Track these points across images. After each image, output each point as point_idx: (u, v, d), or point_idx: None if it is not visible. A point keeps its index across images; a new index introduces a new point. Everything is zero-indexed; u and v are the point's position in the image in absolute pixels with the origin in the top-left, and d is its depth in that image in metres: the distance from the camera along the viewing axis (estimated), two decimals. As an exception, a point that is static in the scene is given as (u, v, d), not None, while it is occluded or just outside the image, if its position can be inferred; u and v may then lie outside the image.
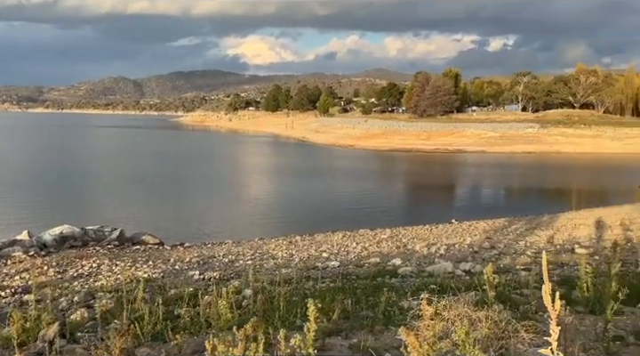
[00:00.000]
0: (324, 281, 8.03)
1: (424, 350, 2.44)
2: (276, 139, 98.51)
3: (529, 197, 37.23)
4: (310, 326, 2.57)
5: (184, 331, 4.27)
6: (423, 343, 2.62)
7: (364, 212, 28.46)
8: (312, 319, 2.58)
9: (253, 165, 56.02)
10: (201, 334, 4.30)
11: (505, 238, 16.18)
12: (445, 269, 9.14)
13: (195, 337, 4.33)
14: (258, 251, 14.08)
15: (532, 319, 5.51)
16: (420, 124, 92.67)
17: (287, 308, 5.19)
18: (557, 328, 2.50)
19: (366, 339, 4.54)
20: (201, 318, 4.59)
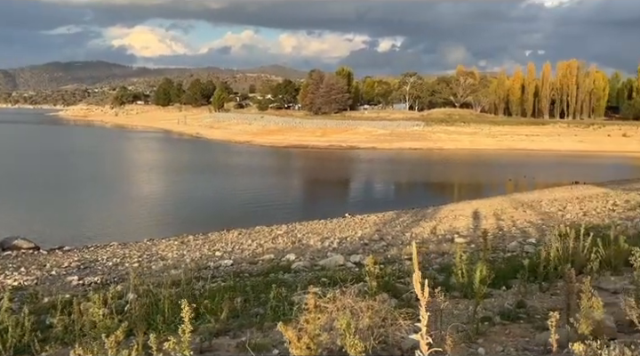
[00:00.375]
0: (215, 281, 7.87)
1: (302, 343, 2.47)
2: (168, 135, 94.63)
3: (415, 190, 39.55)
4: (185, 327, 2.48)
5: (55, 342, 3.92)
6: (304, 336, 2.65)
7: (262, 209, 28.35)
8: (187, 320, 2.50)
9: (144, 162, 53.30)
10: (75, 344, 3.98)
11: (393, 230, 17.04)
12: (337, 262, 9.39)
13: (69, 347, 4.01)
14: (146, 253, 13.43)
15: (413, 307, 5.87)
16: (316, 121, 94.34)
17: (172, 310, 4.99)
18: (427, 314, 2.65)
19: (255, 337, 4.51)
20: (75, 326, 4.25)
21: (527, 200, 25.30)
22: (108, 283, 8.28)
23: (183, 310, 2.54)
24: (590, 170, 50.65)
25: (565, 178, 42.27)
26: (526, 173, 46.15)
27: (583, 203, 22.29)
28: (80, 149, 61.18)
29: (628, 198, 23.23)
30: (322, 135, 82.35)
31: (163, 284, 6.42)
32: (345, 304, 3.46)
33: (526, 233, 13.23)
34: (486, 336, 4.34)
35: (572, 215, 17.95)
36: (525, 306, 5.21)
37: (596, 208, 19.57)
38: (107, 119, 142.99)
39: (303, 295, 6.49)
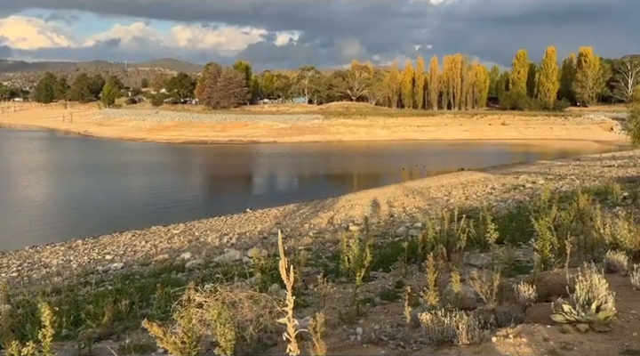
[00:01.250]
0: (102, 285, 7.52)
1: (169, 338, 2.50)
2: (53, 133, 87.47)
3: (316, 182, 40.35)
4: (46, 331, 2.40)
5: None
6: (179, 330, 2.68)
7: (159, 208, 27.33)
8: (47, 324, 2.42)
9: (26, 164, 48.79)
10: None
11: (292, 222, 17.30)
12: (233, 257, 9.38)
13: None
14: (27, 261, 12.42)
15: (304, 295, 6.08)
16: (215, 116, 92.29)
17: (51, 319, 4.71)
18: (292, 298, 2.79)
19: (140, 338, 4.41)
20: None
21: (418, 187, 26.89)
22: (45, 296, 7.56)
23: (43, 313, 2.45)
24: (474, 157, 54.89)
25: (452, 165, 45.48)
26: (418, 162, 48.94)
27: (466, 188, 24.17)
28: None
29: (504, 181, 25.57)
30: (222, 130, 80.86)
31: (42, 292, 6.03)
32: (225, 297, 3.52)
33: (414, 218, 14.13)
34: (367, 316, 4.63)
35: (456, 200, 19.42)
36: (404, 286, 5.60)
37: (476, 192, 21.33)
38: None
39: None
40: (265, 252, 9.64)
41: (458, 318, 2.64)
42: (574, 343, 2.51)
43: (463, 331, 2.56)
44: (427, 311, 2.77)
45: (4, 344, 3.08)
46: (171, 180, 39.72)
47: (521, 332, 2.64)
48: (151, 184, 36.61)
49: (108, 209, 27.41)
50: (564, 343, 2.51)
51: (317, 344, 2.49)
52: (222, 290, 3.62)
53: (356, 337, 3.79)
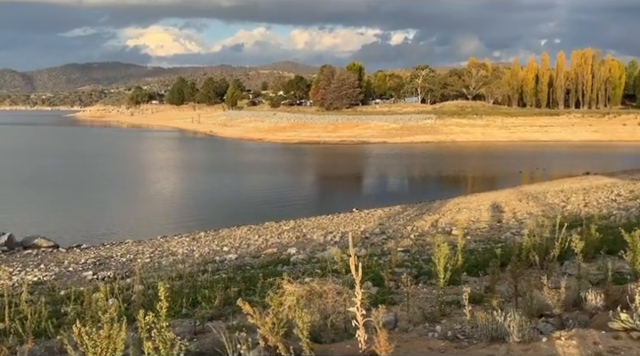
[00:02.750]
0: (218, 273, 8.45)
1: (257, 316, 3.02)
2: (183, 133, 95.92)
3: (425, 184, 39.86)
4: (162, 304, 3.03)
5: (68, 327, 4.52)
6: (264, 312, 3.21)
7: (273, 205, 28.95)
8: (162, 298, 3.03)
9: (159, 161, 54.35)
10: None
11: (395, 223, 17.51)
12: (333, 254, 9.91)
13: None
14: (158, 249, 14.12)
15: (392, 293, 6.38)
16: (327, 116, 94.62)
17: (173, 299, 5.57)
18: (360, 291, 3.19)
19: (245, 320, 5.07)
20: (86, 314, 4.84)
21: (534, 192, 25.52)
22: (121, 277, 8.93)
23: (160, 289, 3.09)
24: (603, 160, 50.40)
25: (577, 169, 42.17)
26: (538, 165, 46.11)
27: (588, 194, 22.47)
28: (98, 150, 62.52)
29: (633, 188, 23.33)
30: (333, 131, 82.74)
31: (168, 277, 7.03)
32: (312, 287, 4.00)
33: (523, 225, 13.62)
34: (450, 317, 4.84)
35: (574, 207, 18.21)
36: (493, 291, 5.67)
37: (598, 199, 19.78)
38: (123, 119, 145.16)
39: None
40: (364, 251, 10.05)
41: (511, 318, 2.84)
42: (623, 348, 2.57)
43: (514, 330, 2.74)
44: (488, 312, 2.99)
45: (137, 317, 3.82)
46: (284, 178, 41.73)
47: (574, 335, 2.75)
48: (267, 182, 38.79)
49: (229, 204, 29.63)
50: (613, 347, 2.58)
51: (379, 331, 2.85)
52: (310, 282, 4.10)
53: (433, 334, 4.06)
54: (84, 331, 2.85)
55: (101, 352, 2.91)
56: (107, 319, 2.95)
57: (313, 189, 40.16)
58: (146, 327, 2.94)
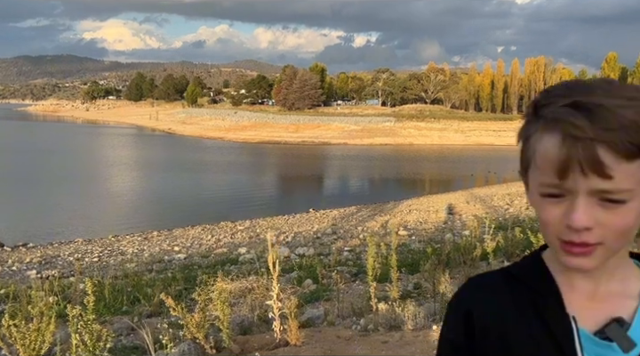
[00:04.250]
0: (164, 273, 8.57)
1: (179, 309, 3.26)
2: (140, 131, 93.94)
3: (382, 186, 40.63)
4: (89, 298, 3.21)
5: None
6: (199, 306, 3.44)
7: (230, 205, 28.90)
8: (90, 292, 3.22)
9: (114, 159, 53.15)
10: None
11: (348, 224, 17.94)
12: (282, 254, 10.18)
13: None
14: (108, 248, 14.02)
15: (330, 290, 6.72)
16: (289, 117, 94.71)
17: (114, 297, 5.71)
18: (277, 286, 3.47)
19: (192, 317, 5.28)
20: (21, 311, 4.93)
21: (482, 195, 26.54)
22: (66, 276, 8.90)
23: (87, 285, 3.27)
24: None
25: (527, 173, 43.83)
26: (491, 168, 47.71)
27: (533, 197, 23.55)
28: (49, 146, 60.53)
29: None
30: (295, 131, 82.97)
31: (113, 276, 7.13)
32: (242, 284, 4.26)
33: (465, 226, 14.26)
34: (376, 312, 5.19)
35: (515, 209, 19.14)
36: (421, 287, 6.09)
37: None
38: (77, 115, 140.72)
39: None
40: (312, 251, 10.37)
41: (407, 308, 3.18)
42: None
43: (409, 319, 3.08)
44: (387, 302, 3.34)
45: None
46: (243, 178, 41.64)
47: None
48: (225, 182, 38.62)
49: (185, 204, 29.38)
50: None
51: (290, 322, 3.14)
52: (242, 279, 4.35)
53: (356, 326, 4.38)
54: (12, 324, 3.01)
55: (30, 345, 3.06)
56: (36, 312, 3.11)
57: (272, 189, 40.25)
58: (74, 321, 3.12)
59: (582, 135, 0.73)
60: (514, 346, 0.84)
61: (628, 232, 0.78)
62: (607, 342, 0.81)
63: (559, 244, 0.79)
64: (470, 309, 0.89)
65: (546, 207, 0.79)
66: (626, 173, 0.74)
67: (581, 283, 0.85)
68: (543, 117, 0.78)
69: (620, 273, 0.86)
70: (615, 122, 0.73)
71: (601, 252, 0.78)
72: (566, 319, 0.82)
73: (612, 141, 0.73)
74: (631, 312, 0.84)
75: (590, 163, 0.73)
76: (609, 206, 0.76)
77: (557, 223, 0.78)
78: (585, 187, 0.75)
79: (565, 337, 0.81)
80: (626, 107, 0.74)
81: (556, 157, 0.75)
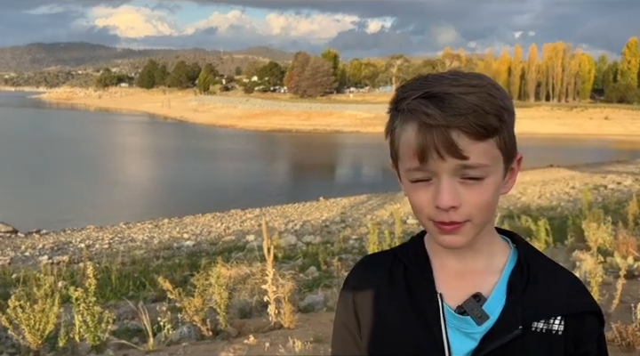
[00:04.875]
0: (172, 259, 8.72)
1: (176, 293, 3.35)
2: (152, 118, 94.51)
3: (394, 174, 40.46)
4: (91, 281, 3.31)
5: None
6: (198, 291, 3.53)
7: (241, 193, 29.03)
8: (92, 276, 3.32)
9: (127, 147, 53.67)
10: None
11: (357, 212, 17.98)
12: (289, 242, 10.30)
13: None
14: (118, 235, 14.26)
15: (332, 277, 6.79)
16: (301, 104, 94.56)
17: (120, 282, 5.85)
18: (272, 271, 3.53)
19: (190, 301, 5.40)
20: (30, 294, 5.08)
21: (494, 183, 26.29)
22: (75, 262, 9.10)
23: (89, 270, 3.37)
24: (569, 153, 51.92)
25: (542, 161, 43.39)
26: (503, 157, 47.25)
27: (546, 186, 23.39)
28: (64, 134, 61.26)
29: (589, 180, 24.40)
30: (306, 119, 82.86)
31: (119, 262, 7.28)
32: (240, 270, 4.35)
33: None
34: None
35: (528, 198, 19.02)
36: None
37: (553, 191, 20.66)
38: (90, 102, 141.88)
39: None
40: (318, 239, 10.46)
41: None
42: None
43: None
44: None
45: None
46: (255, 167, 41.81)
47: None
48: (237, 170, 38.82)
49: (197, 192, 29.60)
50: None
51: (284, 305, 3.22)
52: (241, 265, 4.44)
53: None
54: (18, 305, 3.12)
55: (35, 325, 3.18)
56: (41, 294, 3.22)
57: (282, 177, 40.38)
58: (76, 303, 3.22)
59: (435, 123, 0.81)
60: (386, 320, 0.91)
61: (490, 207, 0.86)
62: (463, 316, 0.88)
63: (432, 225, 0.85)
64: (355, 286, 0.96)
65: (416, 192, 0.86)
66: (479, 151, 0.82)
67: (451, 262, 0.92)
68: (401, 110, 0.86)
69: (486, 250, 0.92)
70: (463, 108, 0.81)
71: (469, 228, 0.84)
72: (434, 297, 0.89)
73: (463, 126, 0.81)
74: (491, 287, 0.90)
75: (446, 147, 0.81)
76: (470, 183, 0.83)
77: (428, 206, 0.84)
78: (445, 168, 0.82)
79: (431, 312, 0.88)
80: (470, 93, 0.82)
81: (415, 144, 0.83)
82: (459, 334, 0.87)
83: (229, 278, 4.23)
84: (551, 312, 0.88)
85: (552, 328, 0.87)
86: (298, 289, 5.46)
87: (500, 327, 0.86)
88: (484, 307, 0.88)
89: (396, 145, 0.89)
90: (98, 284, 6.03)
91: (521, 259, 0.92)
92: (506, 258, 0.93)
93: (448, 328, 0.87)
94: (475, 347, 0.86)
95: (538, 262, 0.92)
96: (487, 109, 0.82)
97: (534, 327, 0.87)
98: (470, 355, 0.86)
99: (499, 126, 0.83)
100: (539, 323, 0.87)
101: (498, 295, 0.89)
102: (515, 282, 0.89)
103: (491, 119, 0.82)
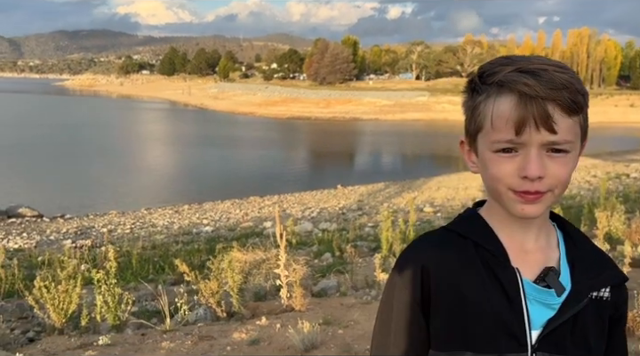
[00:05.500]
0: (191, 245, 8.91)
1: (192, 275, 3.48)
2: (173, 105, 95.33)
3: (413, 162, 40.32)
4: (111, 264, 3.46)
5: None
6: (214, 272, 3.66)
7: (260, 180, 29.24)
8: (112, 258, 3.47)
9: (149, 133, 54.35)
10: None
11: (374, 200, 18.01)
12: (306, 228, 10.42)
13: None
14: (140, 220, 14.56)
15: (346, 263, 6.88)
16: (320, 92, 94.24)
17: (141, 266, 6.04)
18: (285, 255, 3.63)
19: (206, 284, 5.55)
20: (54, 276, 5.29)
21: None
22: (97, 246, 9.37)
23: (109, 254, 3.52)
24: (592, 141, 48.83)
25: (563, 149, 42.62)
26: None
27: (566, 174, 23.00)
28: (86, 121, 62.27)
29: (610, 169, 23.95)
30: (325, 106, 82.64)
31: (140, 246, 7.49)
32: (256, 255, 4.46)
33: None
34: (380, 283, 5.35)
35: (547, 186, 18.73)
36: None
37: (572, 180, 20.24)
38: (112, 89, 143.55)
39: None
40: (334, 226, 10.55)
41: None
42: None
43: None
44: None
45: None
46: (274, 154, 41.97)
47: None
48: (256, 157, 39.05)
49: (216, 179, 29.91)
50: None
51: (295, 289, 3.32)
52: (256, 250, 4.56)
53: (367, 297, 4.55)
54: (43, 286, 3.29)
55: (59, 305, 3.35)
56: (64, 276, 3.39)
57: (301, 165, 40.46)
58: (98, 284, 3.38)
59: (535, 94, 0.86)
60: (467, 296, 0.95)
61: (568, 180, 0.92)
62: (546, 289, 0.95)
63: (512, 194, 0.90)
64: (426, 265, 0.97)
65: (499, 163, 0.91)
66: (567, 126, 0.88)
67: (518, 238, 0.98)
68: (495, 82, 0.90)
69: (545, 227, 1.00)
70: (559, 83, 0.87)
71: (549, 198, 0.91)
72: (511, 271, 0.95)
73: (559, 99, 0.87)
74: (556, 262, 0.98)
75: (543, 119, 0.86)
76: (555, 156, 0.89)
77: (511, 176, 0.90)
78: (537, 140, 0.87)
79: (512, 287, 0.94)
80: (561, 72, 0.88)
81: (515, 114, 0.87)
82: (537, 305, 0.94)
83: (245, 262, 4.35)
84: (604, 283, 0.98)
85: (603, 296, 0.98)
86: (311, 274, 5.57)
87: (574, 296, 0.95)
88: (559, 279, 0.96)
89: (480, 118, 0.93)
90: (119, 267, 6.25)
91: (572, 236, 1.01)
92: (556, 234, 1.01)
93: (527, 300, 0.94)
94: (551, 316, 0.94)
95: (580, 238, 1.02)
96: (578, 87, 0.89)
97: (592, 296, 0.97)
98: (546, 324, 0.94)
99: (584, 105, 0.90)
100: (594, 292, 0.98)
101: (564, 268, 0.98)
102: (574, 257, 0.99)
103: (580, 98, 0.89)
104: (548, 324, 0.94)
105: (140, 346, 3.06)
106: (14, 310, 4.44)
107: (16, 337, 3.75)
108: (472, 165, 1.00)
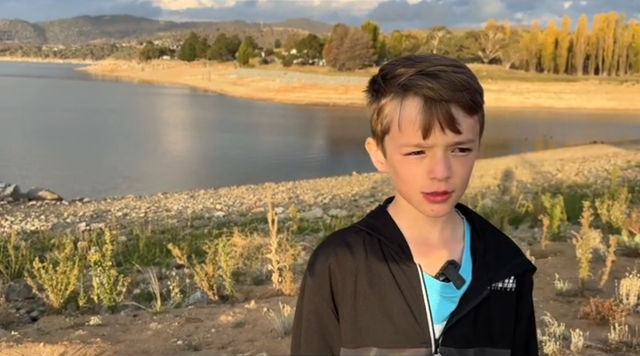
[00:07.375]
0: (201, 229, 9.05)
1: (184, 259, 3.54)
2: (193, 91, 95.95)
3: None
4: (107, 246, 3.55)
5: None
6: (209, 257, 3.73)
7: (276, 166, 29.39)
8: (108, 241, 3.55)
9: (169, 119, 54.91)
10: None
11: (388, 187, 17.93)
12: (315, 215, 10.47)
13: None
14: (155, 205, 14.80)
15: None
16: (339, 78, 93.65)
17: (148, 249, 6.17)
18: (276, 239, 3.68)
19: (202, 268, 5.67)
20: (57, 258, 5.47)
21: (533, 159, 25.72)
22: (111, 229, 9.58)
23: (106, 236, 3.61)
24: (615, 129, 49.79)
25: (586, 137, 41.89)
26: (547, 132, 45.85)
27: (585, 163, 22.64)
28: (108, 105, 63.12)
29: (632, 158, 23.43)
30: (344, 93, 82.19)
31: (151, 230, 7.63)
32: (253, 240, 4.53)
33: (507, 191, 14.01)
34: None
35: (564, 175, 18.49)
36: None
37: (591, 168, 20.01)
38: (133, 75, 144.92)
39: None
40: (344, 212, 10.58)
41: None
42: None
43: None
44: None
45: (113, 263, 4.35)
46: (291, 140, 42.04)
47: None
48: (274, 143, 39.20)
49: (234, 163, 30.13)
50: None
51: (285, 273, 3.37)
52: (254, 235, 4.62)
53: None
54: (42, 267, 3.40)
55: (57, 286, 3.46)
56: (62, 257, 3.49)
57: (318, 151, 40.45)
58: (95, 266, 3.48)
59: (439, 98, 0.88)
60: (372, 293, 0.96)
61: (469, 178, 0.94)
62: (445, 282, 0.97)
63: (422, 196, 0.92)
64: (332, 263, 0.99)
65: (409, 165, 0.92)
66: (469, 126, 0.90)
67: (423, 233, 1.00)
68: (399, 85, 0.91)
69: (450, 221, 1.02)
70: (459, 84, 0.89)
71: (454, 198, 0.93)
72: (414, 267, 0.97)
73: (461, 100, 0.89)
74: (459, 255, 1.00)
75: (448, 121, 0.88)
76: (459, 155, 0.91)
77: (420, 178, 0.92)
78: (443, 142, 0.89)
79: (413, 282, 0.96)
80: (460, 72, 0.90)
81: (420, 118, 0.89)
82: (440, 299, 0.96)
83: (244, 247, 4.43)
84: (507, 274, 1.00)
85: (507, 286, 1.00)
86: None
87: (474, 289, 0.96)
88: (460, 272, 0.97)
89: (387, 121, 0.94)
90: (127, 250, 6.40)
91: (476, 227, 1.02)
92: (462, 227, 1.02)
93: (429, 294, 0.95)
94: (454, 309, 0.95)
95: (487, 229, 1.03)
96: (475, 86, 0.91)
97: (495, 287, 0.98)
98: (449, 317, 0.95)
99: (481, 104, 0.93)
100: (497, 283, 0.99)
101: (466, 260, 0.99)
102: (478, 249, 1.00)
103: (478, 97, 0.92)
104: (451, 318, 0.95)
105: (130, 327, 3.16)
106: (22, 290, 4.60)
107: (21, 316, 3.91)
108: (380, 165, 1.02)
